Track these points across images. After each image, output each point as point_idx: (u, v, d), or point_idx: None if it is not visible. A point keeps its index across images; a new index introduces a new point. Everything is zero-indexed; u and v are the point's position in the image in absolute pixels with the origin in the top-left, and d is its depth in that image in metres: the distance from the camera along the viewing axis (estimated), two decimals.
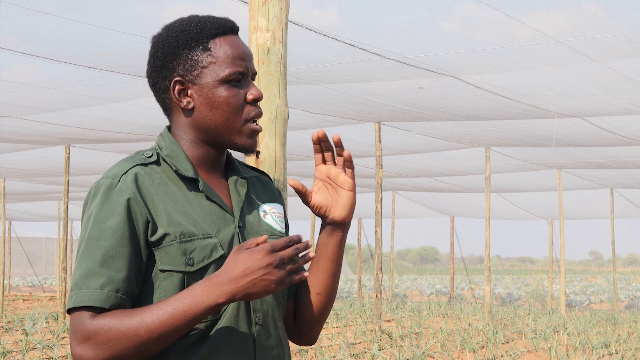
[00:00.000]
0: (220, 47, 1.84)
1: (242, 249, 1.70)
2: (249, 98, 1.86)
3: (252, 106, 1.86)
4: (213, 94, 1.83)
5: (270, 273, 1.67)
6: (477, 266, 66.37)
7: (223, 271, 1.69)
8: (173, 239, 1.75)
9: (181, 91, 1.85)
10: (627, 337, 12.38)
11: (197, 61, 1.83)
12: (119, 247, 1.71)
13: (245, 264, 1.68)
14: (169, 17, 7.89)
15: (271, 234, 1.92)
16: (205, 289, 1.68)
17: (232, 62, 1.84)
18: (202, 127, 1.85)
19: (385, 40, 7.67)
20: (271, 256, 1.68)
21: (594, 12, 7.04)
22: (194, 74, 1.83)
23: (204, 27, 1.85)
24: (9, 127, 11.44)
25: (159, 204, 1.77)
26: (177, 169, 1.82)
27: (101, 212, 1.73)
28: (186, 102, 1.85)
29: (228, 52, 1.84)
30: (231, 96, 1.83)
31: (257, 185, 2.00)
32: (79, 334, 1.67)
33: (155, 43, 1.88)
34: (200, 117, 1.85)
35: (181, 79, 1.84)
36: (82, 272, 1.70)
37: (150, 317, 1.66)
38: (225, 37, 1.86)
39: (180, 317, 1.67)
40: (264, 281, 1.68)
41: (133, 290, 1.73)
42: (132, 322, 1.66)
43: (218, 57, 1.83)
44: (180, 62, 1.84)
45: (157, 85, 1.88)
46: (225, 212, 1.85)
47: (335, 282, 1.96)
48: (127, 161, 1.82)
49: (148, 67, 1.90)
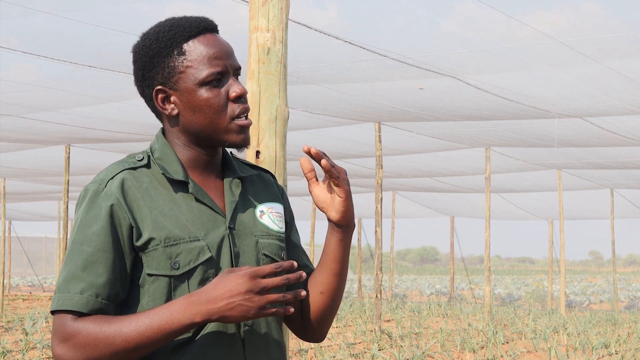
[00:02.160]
0: (194, 49, 1.82)
1: (231, 271, 1.69)
2: (232, 96, 1.83)
3: (237, 103, 1.84)
4: (194, 97, 1.82)
5: (249, 299, 1.67)
6: (477, 266, 66.36)
7: (204, 290, 1.69)
8: (158, 244, 1.76)
9: (164, 99, 1.85)
10: (627, 337, 12.38)
11: (174, 67, 1.82)
12: (100, 253, 1.73)
13: (226, 287, 1.67)
14: (169, 16, 7.88)
15: (267, 234, 1.90)
16: (183, 306, 1.69)
17: (208, 63, 1.82)
18: (189, 131, 1.85)
19: (385, 39, 7.67)
20: (252, 282, 1.67)
21: (594, 11, 7.04)
22: (173, 80, 1.82)
23: (177, 31, 1.83)
24: (9, 127, 11.44)
25: (144, 208, 1.77)
26: (166, 172, 1.82)
27: (86, 217, 1.76)
28: (170, 109, 1.84)
29: (203, 53, 1.82)
30: (212, 97, 1.81)
31: (257, 184, 1.98)
32: (59, 335, 1.71)
33: (134, 53, 1.88)
34: (186, 122, 1.84)
35: (162, 87, 1.84)
36: (64, 276, 1.73)
37: (128, 328, 1.68)
38: (199, 37, 1.84)
39: (156, 331, 1.68)
40: (242, 306, 1.67)
41: (116, 295, 1.74)
42: (110, 330, 1.68)
43: (194, 60, 1.81)
44: (159, 70, 1.83)
45: (144, 94, 1.89)
46: (216, 214, 1.83)
47: (339, 282, 1.94)
48: (116, 165, 1.83)
49: (134, 76, 1.90)
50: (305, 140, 12.88)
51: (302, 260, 2.01)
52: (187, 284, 1.77)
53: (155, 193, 1.80)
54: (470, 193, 21.72)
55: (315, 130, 12.14)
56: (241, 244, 1.85)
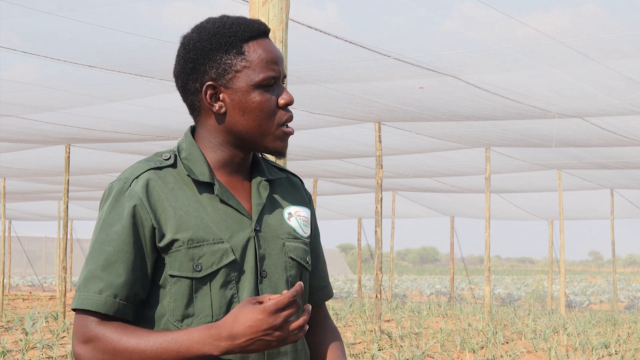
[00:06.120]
0: (254, 51, 1.81)
1: (252, 302, 1.68)
2: (281, 103, 1.83)
3: (284, 110, 1.84)
4: (246, 98, 1.81)
5: (271, 335, 1.66)
6: (477, 266, 66.35)
7: (223, 324, 1.68)
8: (181, 245, 1.76)
9: (213, 95, 1.82)
10: (626, 337, 12.38)
11: (231, 65, 1.80)
12: (121, 253, 1.74)
13: (246, 322, 1.66)
14: (168, 16, 7.90)
15: (293, 237, 1.89)
16: (202, 338, 1.69)
17: (265, 67, 1.81)
18: (232, 131, 1.83)
19: (385, 39, 7.67)
20: (272, 318, 1.66)
21: (594, 11, 7.04)
22: (227, 77, 1.81)
23: (238, 30, 1.82)
24: (9, 127, 11.44)
25: (169, 209, 1.77)
26: (192, 172, 1.81)
27: (109, 216, 1.77)
28: (218, 106, 1.82)
29: (262, 56, 1.81)
30: (264, 101, 1.81)
31: (286, 187, 1.97)
32: (80, 335, 1.73)
33: (186, 44, 1.85)
34: (232, 122, 1.82)
35: (213, 83, 1.81)
36: (85, 275, 1.76)
37: (146, 345, 1.70)
38: (259, 40, 1.83)
39: (173, 354, 1.70)
40: (263, 342, 1.67)
41: (135, 295, 1.75)
42: (129, 343, 1.70)
43: (252, 62, 1.81)
44: (213, 65, 1.81)
45: (186, 87, 1.85)
46: (242, 216, 1.82)
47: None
48: (142, 164, 1.82)
49: (177, 67, 1.86)
50: (305, 139, 12.88)
51: (321, 274, 2.03)
52: (209, 286, 1.77)
53: (180, 193, 1.80)
54: (470, 193, 21.72)
55: (315, 130, 12.14)
56: (267, 247, 1.84)
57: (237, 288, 1.79)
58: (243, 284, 1.79)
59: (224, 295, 1.77)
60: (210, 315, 1.76)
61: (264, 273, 1.82)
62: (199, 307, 1.76)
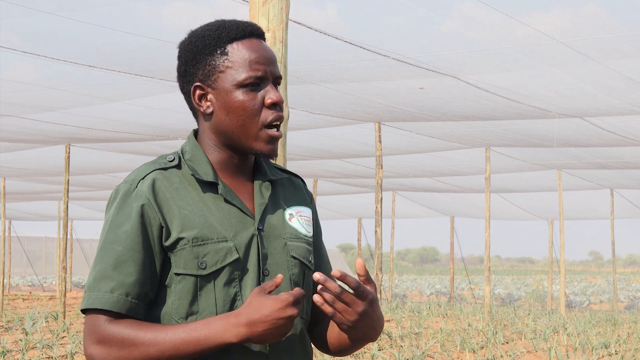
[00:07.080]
0: (237, 51, 1.84)
1: (264, 291, 1.72)
2: (267, 102, 1.84)
3: (271, 110, 1.85)
4: (230, 98, 1.84)
5: (287, 325, 1.71)
6: (477, 266, 66.36)
7: (244, 312, 1.71)
8: (186, 243, 1.78)
9: (201, 96, 1.87)
10: (626, 337, 12.38)
11: (215, 66, 1.84)
12: (130, 252, 1.76)
13: (266, 310, 1.70)
14: (168, 16, 7.90)
15: (295, 237, 1.91)
16: (222, 326, 1.71)
17: (249, 67, 1.84)
18: (221, 132, 1.86)
19: (384, 39, 7.67)
20: (290, 309, 1.70)
21: (594, 11, 7.04)
22: (212, 78, 1.85)
23: (223, 32, 1.86)
24: (9, 127, 11.44)
25: (174, 208, 1.80)
26: (196, 172, 1.84)
27: (117, 217, 1.79)
28: (205, 106, 1.86)
29: (245, 56, 1.84)
30: (247, 100, 1.83)
31: (287, 188, 1.99)
32: (93, 336, 1.74)
33: (180, 49, 1.91)
34: (219, 122, 1.86)
35: (201, 84, 1.86)
36: (95, 275, 1.77)
37: (164, 338, 1.71)
38: (244, 41, 1.86)
39: (192, 345, 1.71)
40: (279, 329, 1.71)
41: (145, 294, 1.77)
42: (145, 338, 1.72)
43: (235, 62, 1.84)
44: (200, 67, 1.86)
45: (183, 90, 1.91)
46: (245, 215, 1.85)
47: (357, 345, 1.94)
48: (147, 166, 1.86)
49: (177, 72, 1.93)
50: (305, 139, 12.88)
51: (325, 272, 2.02)
52: (214, 284, 1.79)
53: (185, 193, 1.83)
54: (470, 193, 21.72)
55: (315, 130, 12.14)
56: (269, 246, 1.86)
57: (241, 286, 1.81)
58: (246, 282, 1.81)
59: (227, 293, 1.80)
60: (214, 312, 1.78)
61: (266, 271, 1.84)
62: (203, 304, 1.78)
